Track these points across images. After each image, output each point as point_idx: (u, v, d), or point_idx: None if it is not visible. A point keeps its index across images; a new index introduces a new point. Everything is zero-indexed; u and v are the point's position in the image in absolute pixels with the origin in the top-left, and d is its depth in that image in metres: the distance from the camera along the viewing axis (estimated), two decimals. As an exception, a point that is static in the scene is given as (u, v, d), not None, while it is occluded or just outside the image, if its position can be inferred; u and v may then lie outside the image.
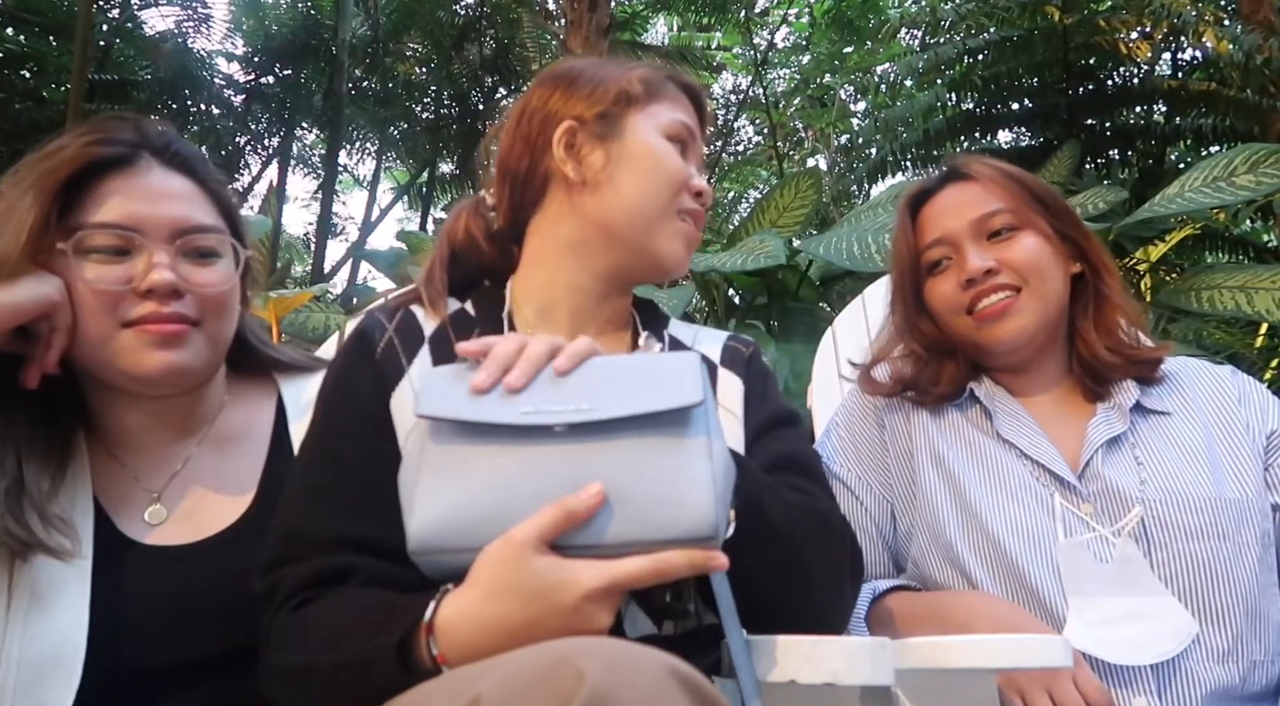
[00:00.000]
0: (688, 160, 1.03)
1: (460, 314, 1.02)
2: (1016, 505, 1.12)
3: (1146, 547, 1.07)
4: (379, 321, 0.98)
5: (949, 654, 0.80)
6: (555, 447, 0.72)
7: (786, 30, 10.54)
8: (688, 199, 1.02)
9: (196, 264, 1.00)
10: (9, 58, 7.56)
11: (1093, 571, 1.06)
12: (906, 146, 5.45)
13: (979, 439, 1.20)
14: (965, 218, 1.22)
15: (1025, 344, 1.20)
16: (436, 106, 10.05)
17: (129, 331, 0.96)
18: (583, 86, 1.02)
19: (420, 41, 9.79)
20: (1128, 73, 5.28)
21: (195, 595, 0.95)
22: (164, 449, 1.04)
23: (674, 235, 1.00)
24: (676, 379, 0.74)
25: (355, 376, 0.94)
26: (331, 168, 8.97)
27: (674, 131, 1.02)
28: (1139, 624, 1.03)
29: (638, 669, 0.55)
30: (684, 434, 0.72)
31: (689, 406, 0.73)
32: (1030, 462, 1.16)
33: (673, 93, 1.05)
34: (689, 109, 1.06)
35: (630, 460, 0.71)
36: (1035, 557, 1.08)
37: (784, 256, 2.96)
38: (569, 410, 0.72)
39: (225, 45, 9.46)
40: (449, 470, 0.72)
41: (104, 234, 0.95)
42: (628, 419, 0.72)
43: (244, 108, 9.36)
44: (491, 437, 0.73)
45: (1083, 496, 1.11)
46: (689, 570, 0.69)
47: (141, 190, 0.98)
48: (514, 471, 0.71)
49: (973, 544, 1.12)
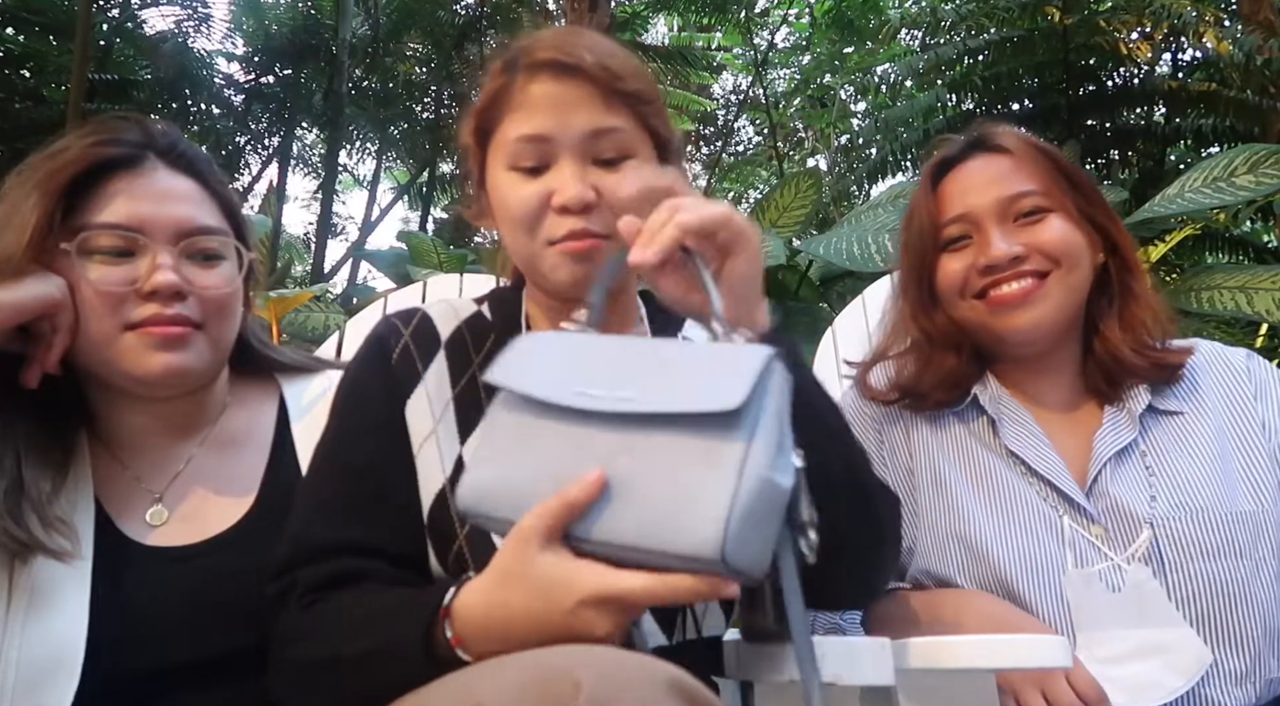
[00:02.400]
0: (556, 167, 0.90)
1: (476, 318, 1.01)
2: (1023, 534, 1.07)
3: (1159, 568, 1.02)
4: (395, 327, 0.98)
5: (949, 654, 0.80)
6: (599, 433, 0.69)
7: (786, 30, 10.55)
8: (553, 222, 0.90)
9: (200, 266, 1.00)
10: (9, 58, 7.56)
11: (1103, 603, 1.02)
12: (906, 146, 5.45)
13: (982, 455, 1.14)
14: (991, 195, 1.12)
15: (1043, 336, 1.12)
16: (436, 106, 10.05)
17: (132, 333, 0.95)
18: (463, 124, 0.99)
19: (420, 41, 9.80)
20: (1128, 73, 5.29)
21: (197, 596, 0.95)
22: (166, 450, 1.04)
23: (554, 267, 0.91)
24: (728, 377, 0.67)
25: (368, 382, 0.94)
26: (331, 168, 8.97)
27: (517, 156, 0.91)
28: (1151, 658, 1.00)
29: (635, 679, 0.54)
30: (718, 442, 0.65)
31: (726, 411, 0.65)
32: (1037, 480, 1.10)
33: (521, 94, 0.91)
34: (548, 98, 0.90)
35: (658, 461, 0.66)
36: (1043, 592, 1.04)
37: (784, 256, 2.96)
38: (611, 396, 0.69)
39: (225, 45, 9.46)
40: (502, 439, 0.73)
41: (108, 235, 0.95)
42: (664, 416, 0.67)
43: (244, 108, 9.36)
44: (547, 413, 0.72)
45: (1091, 517, 1.06)
46: (693, 599, 0.64)
47: (146, 191, 0.98)
48: (557, 450, 0.70)
49: (976, 580, 1.07)
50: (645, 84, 0.94)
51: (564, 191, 0.88)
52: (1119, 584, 1.02)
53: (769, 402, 0.67)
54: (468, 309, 1.02)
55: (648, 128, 0.94)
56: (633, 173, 0.89)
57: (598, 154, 0.91)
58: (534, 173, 0.91)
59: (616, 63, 0.91)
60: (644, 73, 0.95)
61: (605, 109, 0.90)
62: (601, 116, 0.90)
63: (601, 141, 0.91)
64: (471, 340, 0.98)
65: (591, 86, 0.90)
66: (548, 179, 0.90)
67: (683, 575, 0.63)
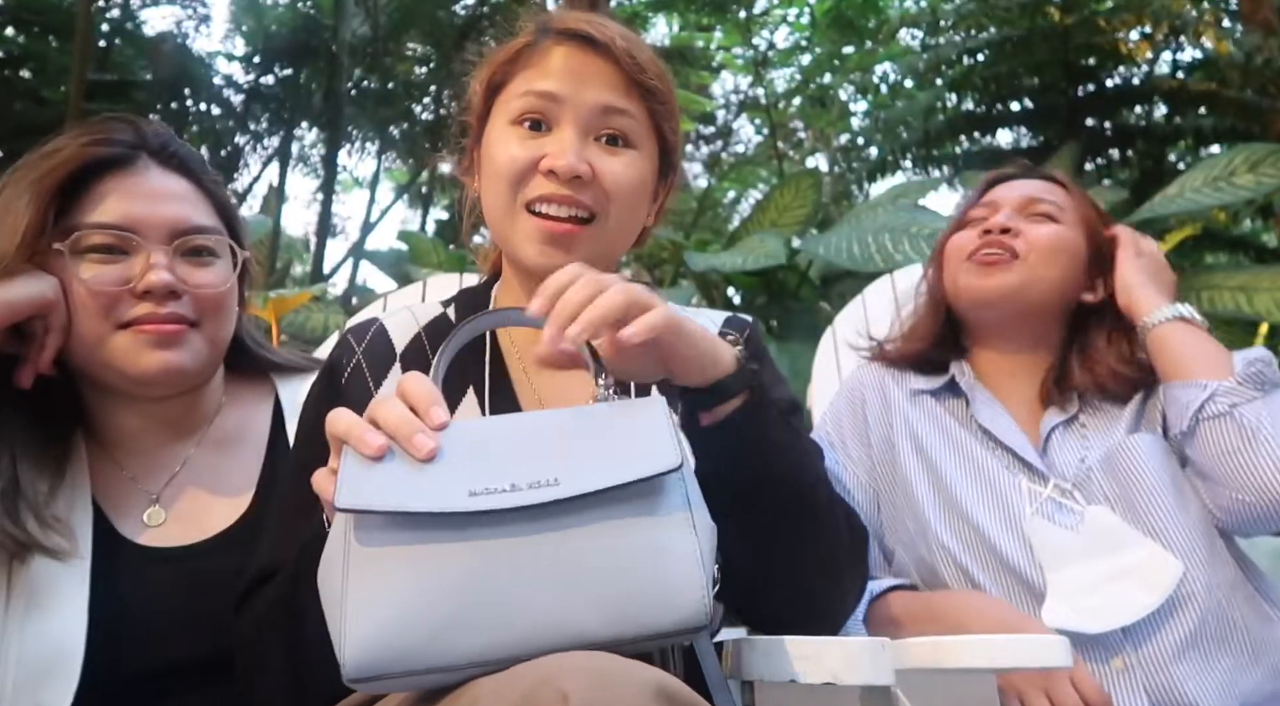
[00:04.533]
0: (556, 131, 0.88)
1: (440, 321, 0.97)
2: (988, 487, 1.16)
3: (1110, 504, 1.10)
4: (349, 346, 0.95)
5: (948, 654, 0.80)
6: (512, 538, 0.60)
7: (786, 30, 10.55)
8: (538, 184, 0.87)
9: (194, 264, 1.00)
10: (9, 58, 7.57)
11: (1064, 541, 1.08)
12: (906, 146, 5.46)
13: (954, 426, 1.23)
14: (1018, 194, 1.27)
15: (999, 302, 1.21)
16: (436, 106, 10.06)
17: (125, 332, 0.95)
18: (477, 72, 0.96)
19: (420, 41, 9.80)
20: (1128, 73, 5.30)
21: (194, 596, 0.95)
22: (162, 450, 1.04)
23: (525, 238, 0.88)
24: (646, 436, 0.64)
25: (319, 411, 0.88)
26: (331, 168, 8.98)
27: (522, 109, 0.89)
28: (1119, 582, 1.04)
29: (623, 687, 0.53)
30: (663, 507, 0.62)
31: (666, 472, 0.62)
32: (1001, 449, 1.19)
33: (544, 54, 0.90)
34: (570, 63, 0.89)
35: (607, 546, 0.60)
36: (1009, 536, 1.11)
37: (784, 256, 2.97)
38: (525, 486, 0.61)
39: (225, 45, 9.48)
40: (382, 575, 0.59)
41: (101, 234, 0.95)
42: (597, 494, 0.61)
43: (244, 108, 9.37)
44: (434, 528, 0.60)
45: (1044, 477, 1.14)
46: None
47: (139, 190, 0.97)
48: (465, 571, 0.59)
49: (952, 527, 1.14)
50: (665, 85, 0.93)
51: (558, 157, 0.86)
52: (1077, 524, 1.09)
53: (684, 451, 0.64)
54: (430, 313, 0.99)
55: (656, 127, 0.93)
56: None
57: (601, 131, 0.89)
58: (534, 129, 0.89)
59: (644, 56, 0.91)
60: (667, 75, 0.94)
61: (623, 91, 0.89)
62: (617, 96, 0.89)
63: (610, 119, 0.89)
64: (431, 346, 0.94)
65: (615, 66, 0.89)
66: (545, 142, 0.88)
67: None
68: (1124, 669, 1.02)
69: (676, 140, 0.96)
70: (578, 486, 0.61)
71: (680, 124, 0.98)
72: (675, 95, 0.96)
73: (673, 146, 0.96)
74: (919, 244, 2.80)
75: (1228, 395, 1.06)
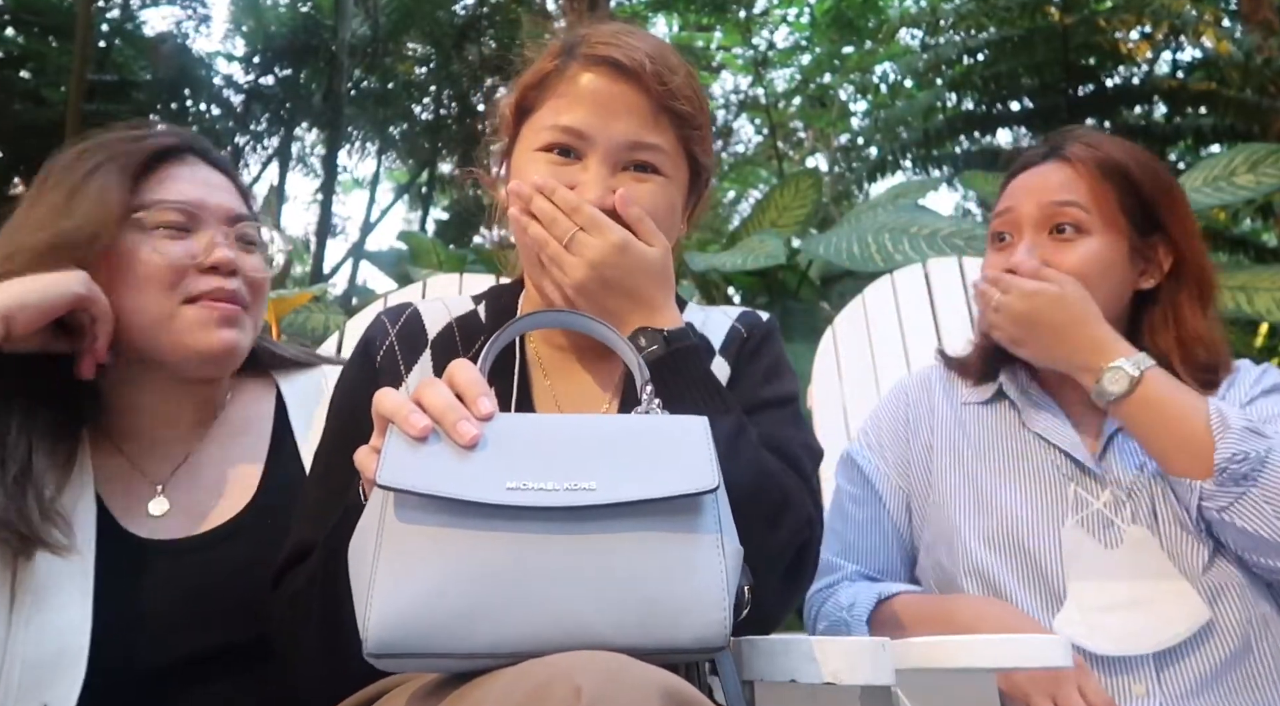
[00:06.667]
0: (583, 164, 0.89)
1: (470, 316, 0.99)
2: (1033, 486, 1.13)
3: (1156, 530, 1.06)
4: (383, 326, 0.97)
5: (949, 654, 0.80)
6: (542, 535, 0.61)
7: (786, 30, 10.55)
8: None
9: (244, 250, 1.05)
10: (9, 58, 7.57)
11: (1098, 555, 1.06)
12: (906, 146, 5.46)
13: (1003, 434, 1.19)
14: (1036, 200, 1.16)
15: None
16: (436, 106, 10.06)
17: (191, 307, 0.99)
18: (507, 95, 0.97)
19: (420, 41, 9.80)
20: (1128, 73, 5.30)
21: (199, 589, 0.95)
22: (170, 442, 1.05)
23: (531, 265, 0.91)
24: (686, 454, 0.65)
25: (354, 388, 0.92)
26: (331, 168, 8.99)
27: (551, 142, 0.89)
28: (1141, 610, 1.02)
29: (634, 686, 0.54)
30: (696, 526, 0.63)
31: (701, 493, 0.64)
32: (1053, 449, 1.14)
33: (571, 82, 0.90)
34: (598, 94, 0.89)
35: (635, 556, 0.61)
36: (1044, 538, 1.08)
37: (784, 256, 2.97)
38: (562, 488, 0.62)
39: (225, 45, 9.49)
40: (413, 555, 0.60)
41: (172, 210, 1.00)
42: (632, 504, 0.62)
43: (244, 108, 9.37)
44: (469, 516, 0.61)
45: (1101, 484, 1.11)
46: None
47: (197, 178, 1.04)
48: (493, 562, 0.60)
49: (982, 532, 1.11)
50: (697, 106, 0.92)
51: (585, 192, 0.87)
52: (1116, 541, 1.07)
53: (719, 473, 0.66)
54: (463, 306, 1.00)
55: (688, 151, 0.93)
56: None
57: (630, 162, 0.90)
58: (563, 156, 0.89)
59: (676, 80, 0.89)
60: (699, 93, 0.93)
61: (652, 123, 0.89)
62: (645, 130, 0.89)
63: (636, 153, 0.89)
64: (461, 338, 0.96)
65: (644, 96, 0.88)
66: (573, 172, 0.89)
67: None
68: (1145, 695, 1.00)
69: (709, 159, 0.97)
70: (613, 494, 0.62)
71: (711, 141, 0.98)
72: (707, 110, 0.95)
73: (704, 166, 0.96)
74: (919, 244, 2.80)
75: (1211, 499, 1.01)
